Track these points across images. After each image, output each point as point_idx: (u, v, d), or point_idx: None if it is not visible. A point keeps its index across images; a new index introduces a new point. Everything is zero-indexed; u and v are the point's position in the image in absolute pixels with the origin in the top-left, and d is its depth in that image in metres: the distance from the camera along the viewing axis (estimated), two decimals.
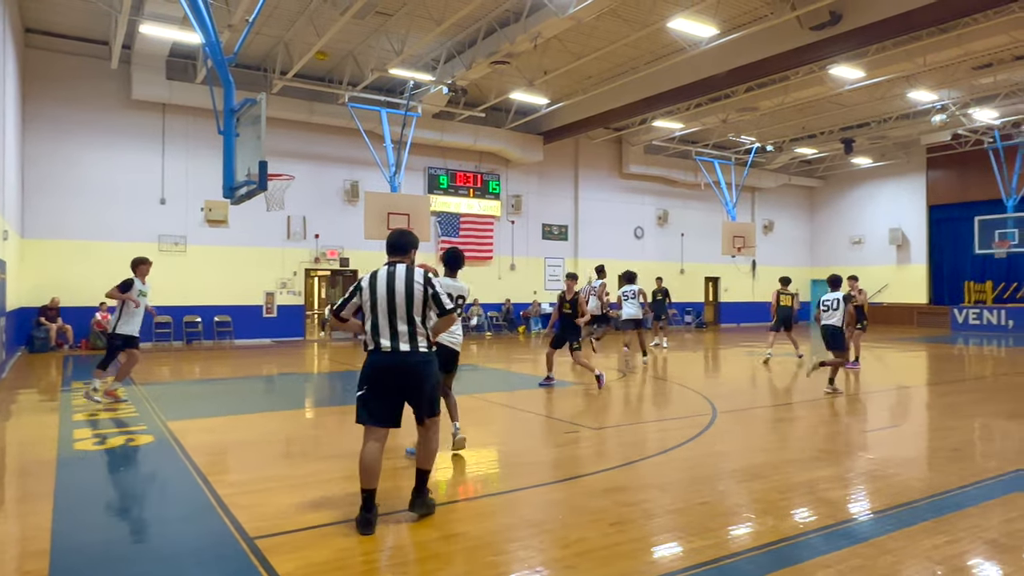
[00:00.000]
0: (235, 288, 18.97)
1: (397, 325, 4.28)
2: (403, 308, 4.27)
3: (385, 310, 4.28)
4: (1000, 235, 24.21)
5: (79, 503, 4.79)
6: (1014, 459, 6.06)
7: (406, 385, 4.34)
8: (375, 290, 4.30)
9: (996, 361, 15.00)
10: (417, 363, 4.31)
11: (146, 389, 10.19)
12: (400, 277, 4.30)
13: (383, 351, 4.29)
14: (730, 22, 14.85)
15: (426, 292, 4.32)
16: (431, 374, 4.41)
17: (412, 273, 4.34)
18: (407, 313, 4.28)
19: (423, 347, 4.34)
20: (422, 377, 4.34)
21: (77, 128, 16.90)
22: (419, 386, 4.35)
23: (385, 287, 4.28)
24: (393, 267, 4.38)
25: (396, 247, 4.50)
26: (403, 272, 4.33)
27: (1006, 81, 19.31)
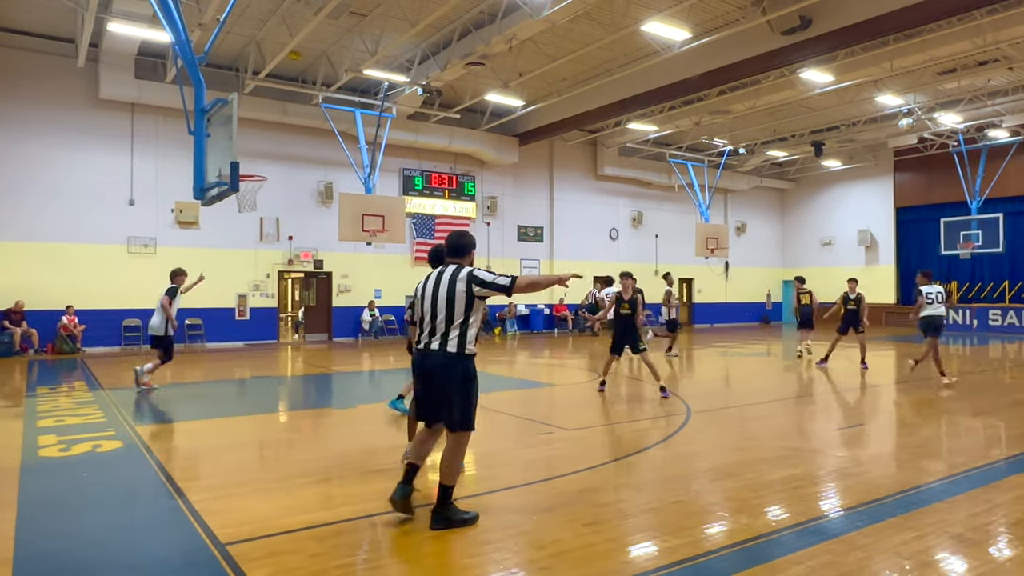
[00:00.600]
0: (206, 291, 18.58)
1: (435, 325, 4.32)
2: (443, 308, 4.28)
3: (429, 308, 4.34)
4: (964, 236, 24.81)
5: (43, 511, 4.68)
6: (979, 455, 6.21)
7: (434, 385, 4.33)
8: (424, 290, 4.41)
9: (961, 360, 15.35)
10: (442, 364, 4.26)
11: (114, 394, 9.99)
12: (445, 277, 4.34)
13: (419, 349, 4.40)
14: (702, 26, 15.01)
15: (469, 286, 4.26)
16: (459, 379, 4.27)
17: (457, 272, 4.33)
18: (445, 313, 4.27)
19: (452, 349, 4.26)
20: (447, 379, 4.27)
21: (42, 128, 16.53)
22: (445, 388, 4.28)
23: (432, 287, 4.36)
24: (444, 268, 4.42)
25: (454, 250, 4.52)
26: (449, 272, 4.36)
27: (969, 86, 19.80)
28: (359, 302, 21.15)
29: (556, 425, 7.65)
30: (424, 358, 4.34)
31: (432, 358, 4.29)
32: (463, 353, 4.29)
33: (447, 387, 4.27)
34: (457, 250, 4.50)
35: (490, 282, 4.24)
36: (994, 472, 5.62)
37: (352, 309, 21.05)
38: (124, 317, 17.50)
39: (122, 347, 17.42)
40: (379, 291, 21.39)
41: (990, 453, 6.35)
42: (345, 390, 11.53)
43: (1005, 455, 6.27)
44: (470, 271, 4.32)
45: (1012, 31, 14.55)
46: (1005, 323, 24.03)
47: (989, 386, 11.03)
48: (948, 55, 16.20)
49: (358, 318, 21.03)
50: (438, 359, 4.27)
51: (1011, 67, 17.89)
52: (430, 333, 4.33)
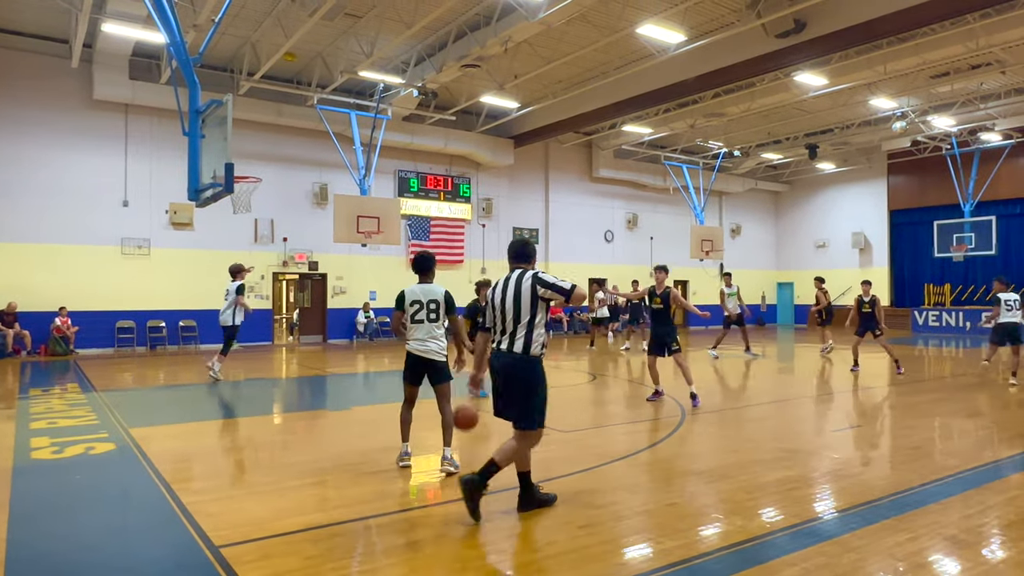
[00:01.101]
0: (200, 292, 18.62)
1: (504, 326, 4.53)
2: (511, 309, 4.48)
3: (499, 311, 4.56)
4: (958, 239, 24.96)
5: (36, 513, 4.65)
6: (972, 457, 6.23)
7: (504, 383, 4.52)
8: (494, 295, 4.63)
9: (954, 362, 15.41)
10: (510, 363, 4.47)
11: (108, 396, 9.94)
12: (512, 281, 4.54)
13: (494, 351, 4.61)
14: (697, 29, 15.06)
15: (534, 289, 4.43)
16: (524, 378, 4.47)
17: (522, 275, 4.53)
18: (513, 313, 4.47)
19: (518, 349, 4.45)
20: (514, 378, 4.47)
21: (36, 128, 16.46)
22: (513, 386, 4.49)
23: (500, 291, 4.58)
24: (511, 273, 4.63)
25: (519, 256, 4.73)
26: (515, 276, 4.55)
27: (962, 90, 19.92)
28: (354, 304, 21.12)
29: (551, 427, 7.62)
30: (496, 358, 4.57)
31: (502, 358, 4.52)
32: (529, 354, 4.47)
33: (513, 385, 4.50)
34: (522, 256, 4.74)
35: (552, 283, 4.43)
36: (987, 474, 5.64)
37: (347, 311, 21.01)
38: (118, 319, 17.44)
39: (115, 348, 17.35)
40: (374, 293, 21.36)
41: (983, 455, 6.38)
42: (340, 392, 11.51)
43: (998, 457, 6.30)
44: (535, 273, 4.52)
45: (1004, 35, 14.65)
46: None
47: (982, 388, 11.07)
48: (941, 58, 16.30)
49: (353, 320, 21.00)
50: (507, 359, 4.49)
51: (1003, 71, 18.00)
52: (501, 333, 4.57)
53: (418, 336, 5.72)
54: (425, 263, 5.89)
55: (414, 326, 5.74)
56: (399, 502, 4.95)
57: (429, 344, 5.72)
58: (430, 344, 5.72)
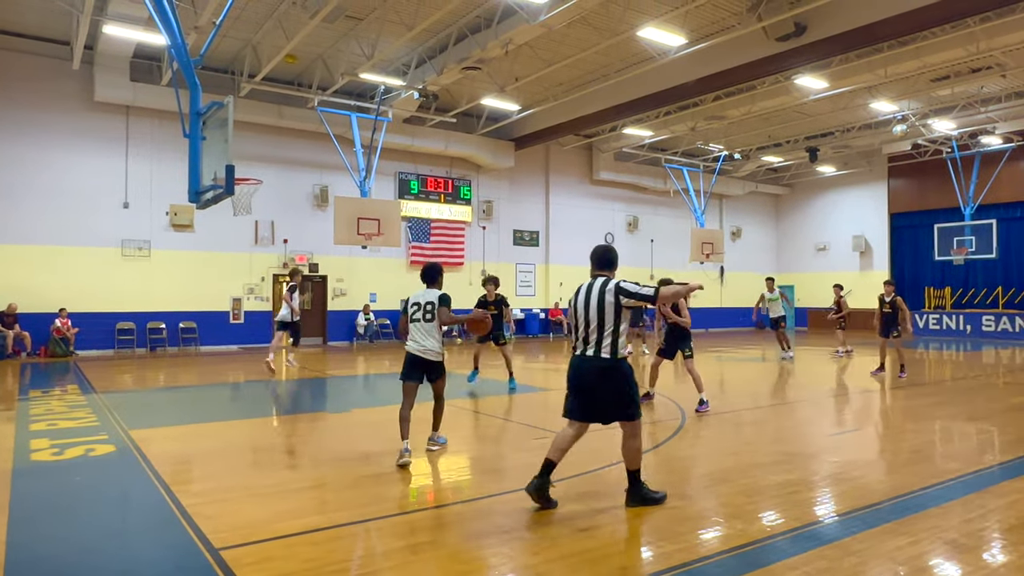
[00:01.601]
0: (201, 294, 18.65)
1: (587, 333, 4.68)
2: (595, 317, 4.64)
3: (582, 318, 4.71)
4: (958, 242, 24.94)
5: (35, 515, 4.64)
6: (973, 460, 6.22)
7: (591, 386, 4.68)
8: (577, 302, 4.79)
9: (955, 365, 15.40)
10: (598, 368, 4.63)
11: (107, 397, 9.94)
12: (595, 290, 4.70)
13: (575, 355, 4.78)
14: (698, 32, 15.07)
15: (617, 298, 4.61)
16: (617, 380, 4.65)
17: (605, 284, 4.68)
18: (596, 322, 4.63)
19: (605, 354, 4.62)
20: (602, 380, 4.64)
21: (37, 130, 16.48)
22: (602, 388, 4.65)
23: (583, 299, 4.74)
24: (593, 281, 4.79)
25: (601, 263, 4.91)
26: (599, 285, 4.71)
27: (963, 93, 19.92)
28: (354, 306, 21.12)
29: (551, 430, 7.62)
30: (580, 363, 4.72)
31: (587, 363, 4.67)
32: (616, 357, 4.65)
33: (605, 389, 4.65)
34: (604, 263, 4.90)
35: (635, 292, 4.59)
36: (988, 477, 5.63)
37: (347, 313, 21.01)
38: (118, 320, 17.44)
39: (115, 350, 17.35)
40: (374, 295, 21.36)
41: (984, 458, 6.37)
42: (340, 394, 11.50)
43: (999, 460, 6.29)
44: (617, 283, 4.66)
45: (1005, 38, 14.66)
46: (998, 329, 24.12)
47: (983, 391, 11.06)
48: (942, 62, 16.30)
49: (353, 322, 21.00)
50: (596, 364, 4.64)
51: (1004, 74, 18.01)
52: (584, 341, 4.71)
53: (415, 337, 6.12)
54: (429, 272, 6.36)
55: (413, 327, 6.14)
56: (399, 505, 4.95)
57: (424, 344, 6.08)
58: (426, 343, 6.08)
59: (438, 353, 6.12)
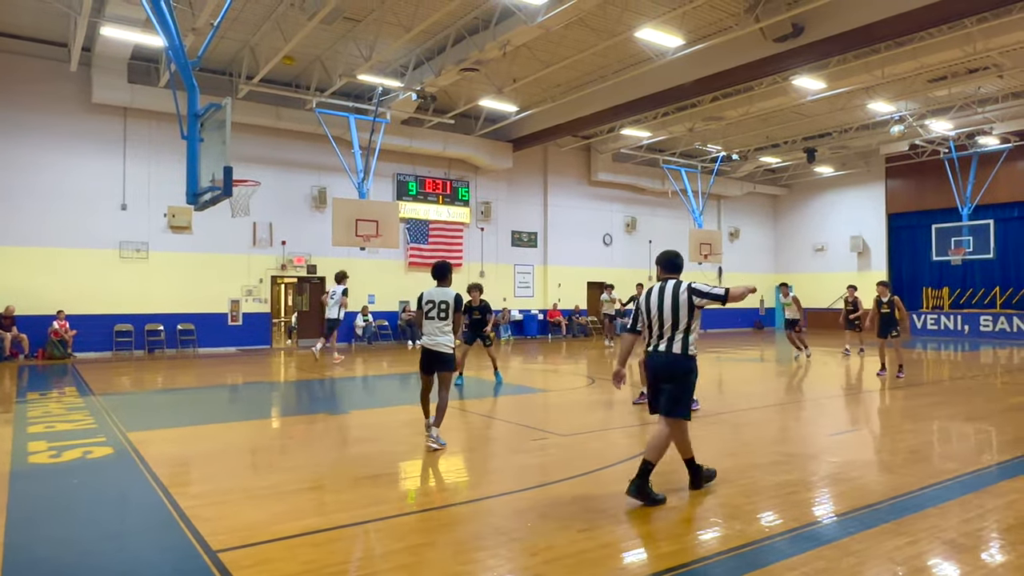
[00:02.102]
0: (199, 296, 18.63)
1: (662, 331, 5.02)
2: (669, 316, 4.98)
3: (656, 317, 5.04)
4: (956, 243, 24.97)
5: (33, 517, 4.64)
6: (971, 460, 6.23)
7: (661, 380, 5.03)
8: (649, 302, 5.10)
9: (953, 365, 15.42)
10: (669, 362, 4.97)
11: (105, 399, 9.93)
12: (668, 291, 5.04)
13: (648, 351, 5.11)
14: (696, 33, 15.09)
15: (691, 299, 4.96)
16: (681, 374, 4.98)
17: (678, 286, 5.04)
18: (671, 320, 4.97)
19: (677, 350, 4.97)
20: (671, 375, 4.98)
21: (34, 132, 16.46)
22: (673, 382, 4.98)
23: (656, 299, 5.06)
24: (664, 283, 5.12)
25: (669, 267, 5.25)
26: (671, 286, 5.05)
27: (960, 94, 19.96)
28: (353, 307, 21.06)
29: (550, 431, 7.64)
30: (655, 359, 5.05)
31: (660, 358, 5.01)
32: (687, 354, 4.98)
33: (670, 381, 4.98)
34: (673, 267, 5.25)
35: (707, 292, 4.96)
36: (986, 477, 5.64)
37: (345, 314, 20.96)
38: (116, 322, 17.42)
39: (113, 352, 17.32)
40: (372, 296, 21.35)
41: (982, 458, 6.38)
42: (338, 396, 11.49)
43: (997, 460, 6.30)
44: (689, 284, 5.03)
45: (1002, 39, 14.69)
46: (996, 329, 24.16)
47: (981, 391, 11.08)
48: (939, 63, 16.33)
49: (351, 323, 20.98)
50: (669, 359, 4.98)
51: (1001, 75, 18.05)
52: (658, 338, 5.05)
53: (429, 331, 6.66)
54: (441, 270, 6.90)
55: (427, 323, 6.69)
56: (398, 506, 4.95)
57: (438, 338, 6.62)
58: (439, 338, 6.62)
59: (449, 347, 6.62)
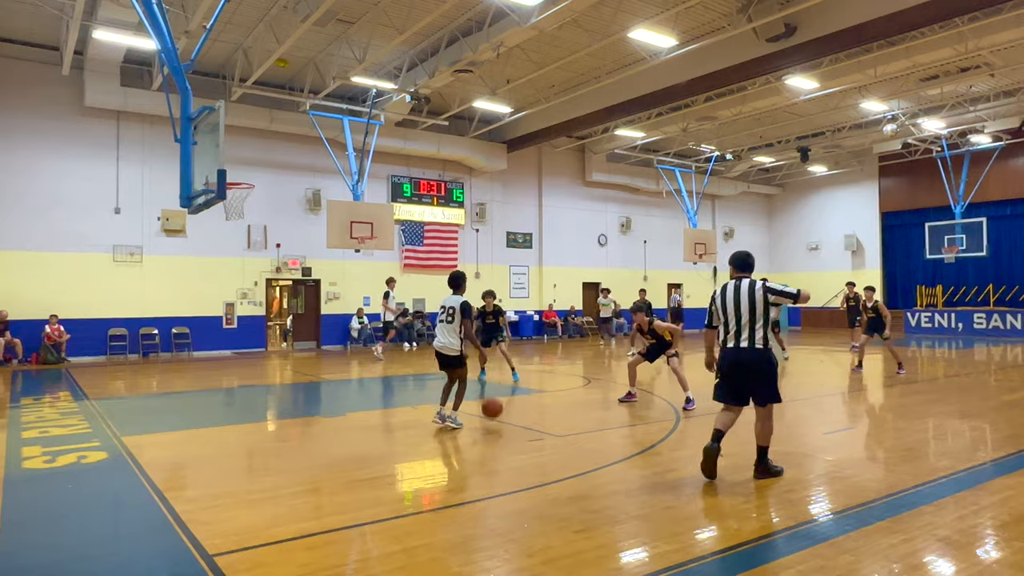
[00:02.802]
0: (193, 299, 18.57)
1: (739, 327, 5.38)
2: (746, 312, 5.37)
3: (733, 314, 5.41)
4: (949, 241, 25.10)
5: (27, 523, 4.61)
6: (965, 457, 6.26)
7: (745, 373, 5.41)
8: (726, 300, 5.47)
9: (947, 363, 15.48)
10: (753, 358, 5.36)
11: (100, 404, 9.89)
12: (744, 290, 5.43)
13: (728, 347, 5.45)
14: (689, 33, 15.13)
15: (766, 296, 5.37)
16: (766, 366, 5.38)
17: (753, 285, 5.45)
18: (748, 316, 5.36)
19: (758, 345, 5.36)
20: (757, 368, 5.37)
21: (27, 136, 16.39)
22: (754, 375, 5.39)
23: (733, 298, 5.44)
24: (739, 281, 5.51)
25: (743, 266, 5.63)
26: (747, 285, 5.45)
27: (952, 92, 20.05)
28: (347, 310, 21.07)
29: (546, 431, 7.64)
30: (735, 353, 5.41)
31: (742, 353, 5.38)
32: (765, 347, 5.38)
33: (757, 374, 5.38)
34: (746, 267, 5.63)
35: (781, 291, 5.45)
36: (981, 474, 5.66)
37: (340, 316, 20.97)
38: (110, 326, 17.35)
39: (108, 356, 17.26)
40: (367, 298, 21.32)
41: (976, 455, 6.40)
42: (334, 398, 11.47)
43: (991, 457, 6.33)
44: (764, 283, 5.45)
45: (993, 38, 14.77)
46: (990, 326, 24.26)
47: (975, 389, 11.12)
48: (931, 62, 16.41)
49: (346, 326, 20.95)
50: (748, 354, 5.36)
51: (992, 73, 18.15)
52: (736, 334, 5.41)
53: (438, 334, 7.53)
54: (454, 279, 7.70)
55: (438, 326, 7.53)
56: (394, 508, 4.94)
57: (443, 340, 7.44)
58: (444, 340, 7.43)
59: (454, 349, 7.40)
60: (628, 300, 25.59)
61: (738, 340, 5.39)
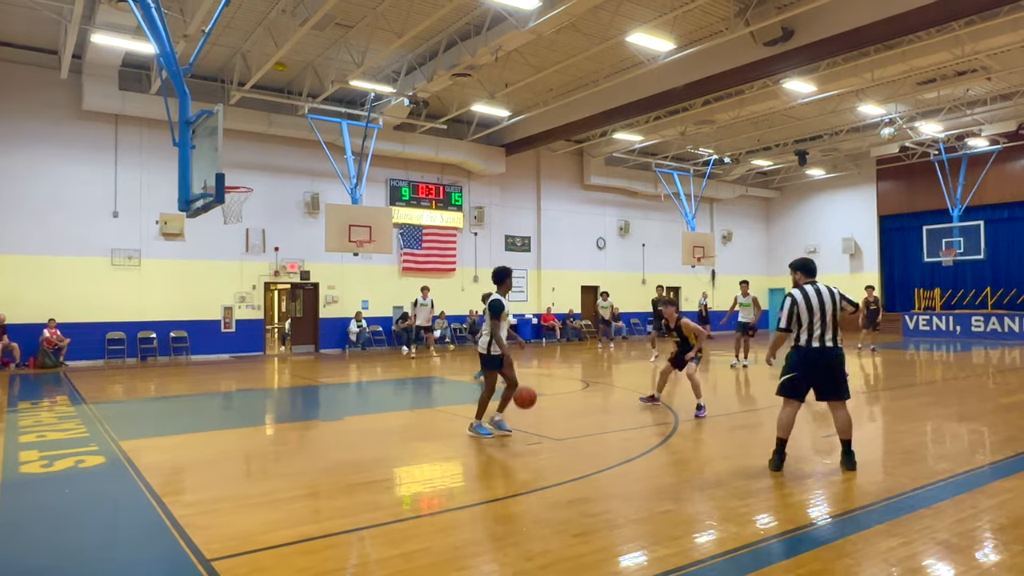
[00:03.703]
0: (192, 303, 18.55)
1: (824, 328, 5.70)
2: (829, 313, 5.73)
3: (818, 315, 5.71)
4: (947, 244, 25.13)
5: (25, 528, 4.60)
6: (964, 460, 6.26)
7: (828, 370, 5.76)
8: (809, 302, 5.75)
9: (945, 366, 15.49)
10: (838, 356, 5.78)
11: (97, 408, 9.87)
12: (825, 293, 5.80)
13: (814, 347, 5.72)
14: (687, 37, 15.15)
15: (841, 300, 5.85)
16: (842, 364, 5.83)
17: (830, 289, 5.86)
18: (832, 318, 5.74)
19: (840, 344, 5.80)
20: (840, 365, 5.81)
21: (25, 139, 16.38)
22: (838, 372, 5.80)
23: (817, 301, 5.75)
24: (816, 285, 5.88)
25: (812, 271, 6.03)
26: (825, 289, 5.84)
27: (949, 96, 20.11)
28: (346, 313, 21.06)
29: (545, 435, 7.63)
30: (821, 353, 5.73)
31: (829, 353, 5.74)
32: (842, 346, 5.84)
33: (837, 371, 5.79)
34: (815, 272, 6.06)
35: (849, 299, 5.90)
36: (979, 477, 5.66)
37: (339, 320, 20.95)
38: (108, 330, 17.32)
39: (106, 360, 17.22)
40: (366, 302, 21.31)
41: (975, 458, 6.41)
42: (332, 402, 11.46)
43: (990, 460, 6.33)
44: (838, 289, 5.92)
45: (989, 42, 14.81)
46: (987, 329, 24.29)
47: (973, 391, 11.13)
48: (928, 65, 16.46)
49: (345, 329, 20.94)
50: (835, 353, 5.76)
51: (989, 77, 18.19)
52: (821, 335, 5.72)
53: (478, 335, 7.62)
54: (495, 276, 7.54)
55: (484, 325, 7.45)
56: (392, 513, 4.93)
57: (480, 340, 7.46)
58: (480, 340, 7.46)
59: (482, 347, 7.31)
60: (626, 303, 25.71)
61: (823, 340, 5.70)
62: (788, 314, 5.85)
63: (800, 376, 5.81)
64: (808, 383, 5.81)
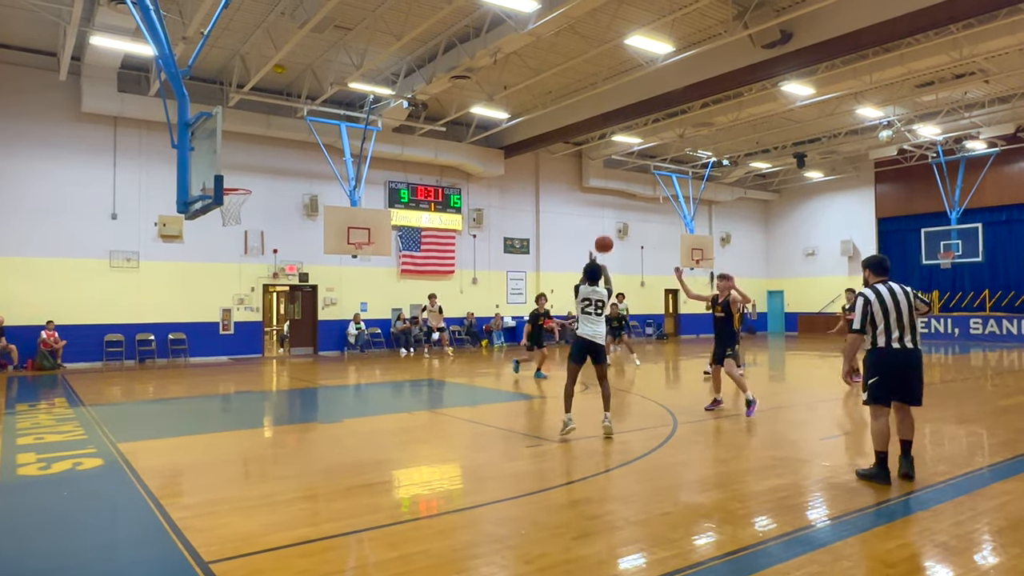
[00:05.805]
0: (190, 305, 18.54)
1: (903, 328, 5.44)
2: (906, 313, 5.47)
3: (894, 315, 5.44)
4: (945, 246, 25.16)
5: (22, 531, 4.59)
6: (962, 463, 6.26)
7: (911, 371, 5.49)
8: (884, 302, 5.48)
9: (943, 368, 15.50)
10: (920, 357, 5.53)
11: (95, 410, 9.85)
12: (900, 293, 5.53)
13: (894, 348, 5.44)
14: (685, 39, 15.18)
15: (915, 300, 5.60)
16: (922, 365, 5.56)
17: (905, 288, 5.60)
18: (911, 318, 5.49)
19: (921, 346, 5.55)
20: (920, 367, 5.55)
21: (23, 141, 16.38)
22: (918, 374, 5.53)
23: (892, 301, 5.48)
24: (888, 284, 5.62)
25: (888, 270, 5.79)
26: (900, 289, 5.58)
27: (947, 99, 20.15)
28: (345, 315, 21.05)
29: (543, 437, 7.63)
30: (902, 354, 5.45)
31: (912, 355, 5.47)
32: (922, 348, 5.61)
33: (918, 373, 5.53)
34: (889, 270, 5.81)
35: (922, 299, 5.69)
36: (978, 479, 5.67)
37: (338, 322, 20.94)
38: (106, 332, 17.30)
39: (103, 362, 17.20)
40: (365, 304, 21.30)
41: (973, 461, 6.41)
42: (331, 404, 11.45)
43: (988, 463, 6.33)
44: (911, 288, 5.65)
45: (987, 45, 14.85)
46: (986, 331, 24.33)
47: (971, 394, 11.14)
48: (926, 68, 16.49)
49: (344, 331, 20.92)
50: (917, 355, 5.50)
51: (987, 80, 18.23)
52: (900, 337, 5.45)
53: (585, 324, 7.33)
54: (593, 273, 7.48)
55: (584, 318, 7.34)
56: (391, 515, 4.92)
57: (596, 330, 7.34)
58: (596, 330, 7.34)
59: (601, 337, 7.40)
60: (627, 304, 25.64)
61: (903, 341, 5.44)
62: (862, 315, 5.53)
63: (882, 380, 5.51)
64: (893, 384, 5.50)
